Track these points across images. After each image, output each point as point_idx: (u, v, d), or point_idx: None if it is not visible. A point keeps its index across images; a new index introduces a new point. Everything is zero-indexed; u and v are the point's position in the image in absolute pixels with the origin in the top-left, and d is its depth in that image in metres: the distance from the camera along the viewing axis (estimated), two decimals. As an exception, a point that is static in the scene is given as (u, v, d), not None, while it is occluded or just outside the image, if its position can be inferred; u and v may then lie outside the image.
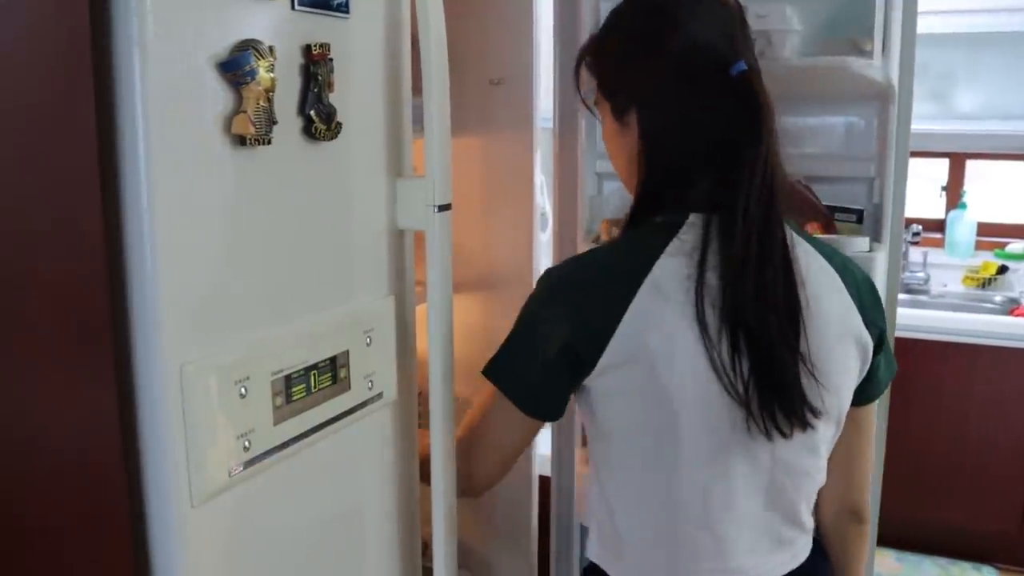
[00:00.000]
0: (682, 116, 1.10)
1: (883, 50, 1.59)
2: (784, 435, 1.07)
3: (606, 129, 1.20)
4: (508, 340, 1.18)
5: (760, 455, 1.10)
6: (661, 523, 1.15)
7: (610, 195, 1.90)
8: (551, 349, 1.11)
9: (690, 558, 1.14)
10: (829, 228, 1.68)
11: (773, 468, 1.12)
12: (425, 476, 1.22)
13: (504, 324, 1.87)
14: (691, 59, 1.08)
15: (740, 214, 1.05)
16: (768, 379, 1.05)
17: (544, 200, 2.10)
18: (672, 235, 1.09)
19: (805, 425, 1.08)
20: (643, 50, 1.13)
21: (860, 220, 1.71)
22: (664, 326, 1.05)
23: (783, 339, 1.05)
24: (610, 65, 1.18)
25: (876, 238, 1.68)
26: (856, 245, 1.58)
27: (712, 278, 1.05)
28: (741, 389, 1.04)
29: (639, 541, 1.17)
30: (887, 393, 1.69)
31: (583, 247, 1.73)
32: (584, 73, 1.24)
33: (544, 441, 2.01)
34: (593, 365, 1.09)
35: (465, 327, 1.94)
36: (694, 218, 1.09)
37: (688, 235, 1.08)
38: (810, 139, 1.78)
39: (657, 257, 1.07)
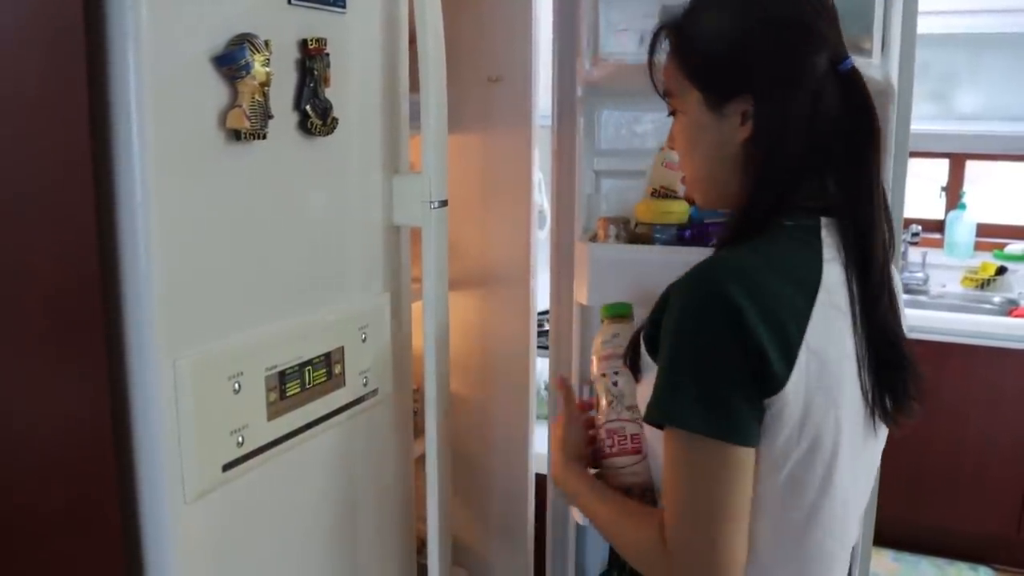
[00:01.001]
0: (805, 111, 1.03)
1: (882, 49, 1.58)
2: (892, 421, 1.07)
3: (688, 120, 1.07)
4: (674, 375, 0.94)
5: (867, 455, 1.10)
6: (809, 552, 1.03)
7: (608, 193, 1.89)
8: (744, 365, 0.91)
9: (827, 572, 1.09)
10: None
11: (870, 468, 1.12)
12: None
13: (502, 322, 1.86)
14: (811, 50, 1.02)
15: (876, 218, 1.03)
16: (885, 369, 1.04)
17: (542, 198, 2.09)
18: (818, 240, 1.02)
19: (911, 411, 1.08)
20: (764, 35, 1.03)
21: (858, 219, 1.71)
22: (838, 336, 0.99)
23: (900, 332, 1.07)
24: (714, 48, 1.05)
25: (874, 238, 1.67)
26: (854, 244, 1.57)
27: (852, 283, 1.02)
28: (867, 381, 1.02)
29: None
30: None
31: (580, 245, 1.72)
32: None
33: (541, 439, 2.00)
34: (784, 382, 0.92)
35: (462, 324, 1.94)
36: (826, 221, 1.04)
37: (830, 240, 1.03)
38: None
39: (821, 264, 0.99)
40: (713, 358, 0.92)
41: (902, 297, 1.12)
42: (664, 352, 0.95)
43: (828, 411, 0.97)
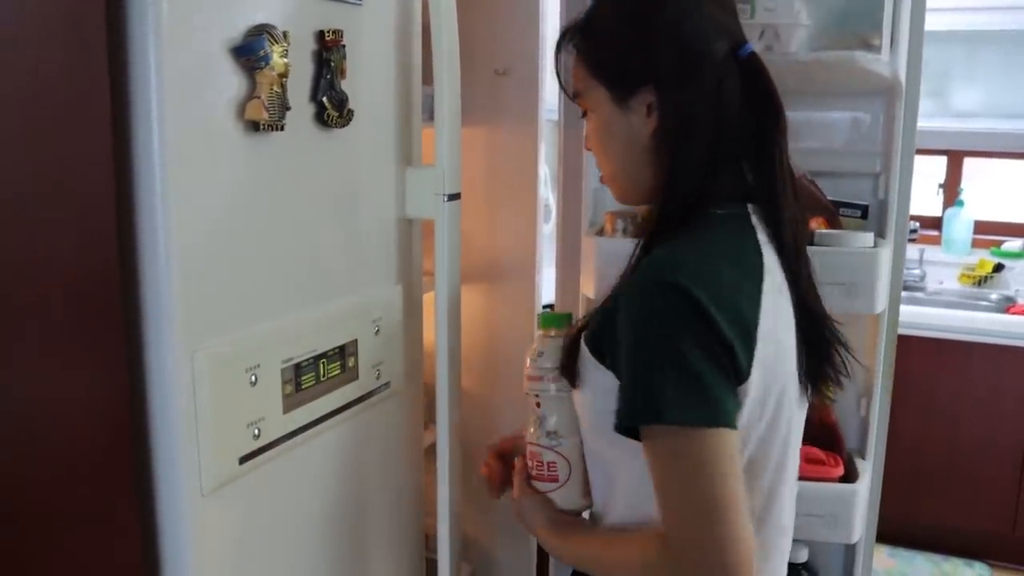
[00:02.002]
0: (708, 99, 1.04)
1: (891, 45, 1.58)
2: (821, 396, 1.10)
3: (598, 118, 1.08)
4: (642, 371, 0.91)
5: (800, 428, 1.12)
6: (769, 531, 1.03)
7: (614, 188, 1.89)
8: (714, 353, 0.90)
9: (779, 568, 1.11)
10: (834, 223, 1.68)
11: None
12: None
13: (506, 316, 1.86)
14: (710, 38, 1.04)
15: (785, 200, 1.05)
16: (815, 346, 1.07)
17: (547, 191, 2.09)
18: (750, 225, 1.04)
19: (839, 385, 1.10)
20: (659, 27, 1.05)
21: (865, 216, 1.71)
22: (785, 318, 1.02)
23: (822, 310, 1.09)
24: (615, 44, 1.06)
25: (880, 234, 1.67)
26: (861, 240, 1.57)
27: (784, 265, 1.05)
28: (802, 359, 1.05)
29: None
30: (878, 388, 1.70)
31: (587, 240, 1.72)
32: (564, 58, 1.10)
33: (544, 433, 2.01)
34: (748, 370, 0.92)
35: (466, 318, 1.93)
36: (752, 207, 1.05)
37: (760, 224, 1.04)
38: (816, 134, 1.77)
39: (760, 248, 1.01)
40: (685, 350, 0.89)
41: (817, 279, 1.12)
42: (629, 356, 0.92)
43: (783, 392, 0.99)
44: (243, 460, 0.94)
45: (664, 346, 0.90)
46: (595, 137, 1.10)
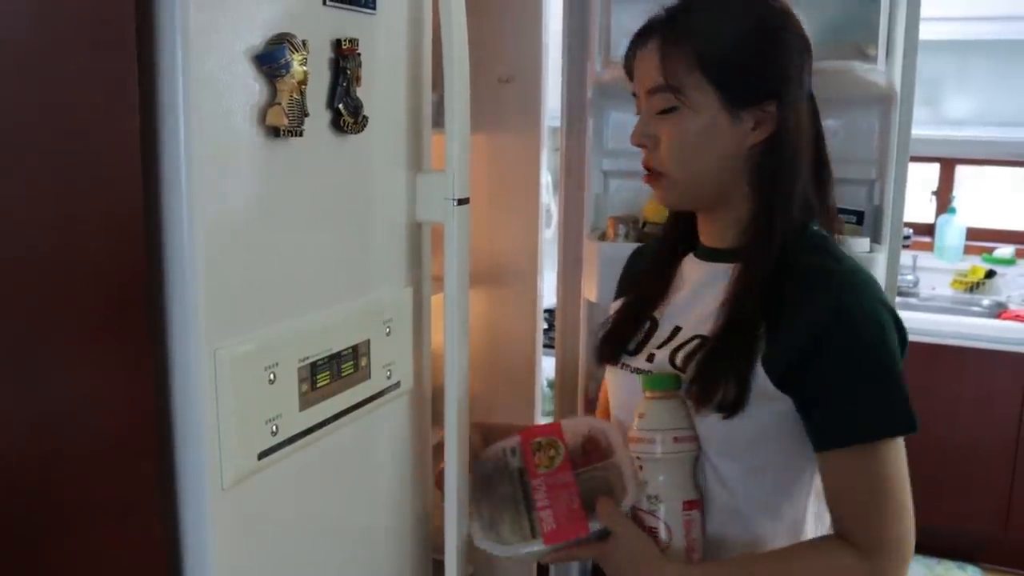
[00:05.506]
0: (813, 116, 1.09)
1: (887, 55, 1.62)
2: None
3: (697, 119, 1.05)
4: (887, 386, 1.01)
5: None
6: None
7: (615, 193, 1.93)
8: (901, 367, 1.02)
9: None
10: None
11: None
12: None
13: (508, 320, 1.89)
14: (810, 62, 1.09)
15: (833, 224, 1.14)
16: None
17: (549, 197, 2.13)
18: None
19: None
20: (790, 43, 1.05)
21: (860, 221, 1.75)
22: None
23: None
24: (744, 53, 1.04)
25: (875, 239, 1.71)
26: (857, 246, 1.61)
27: None
28: None
29: None
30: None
31: (589, 244, 1.76)
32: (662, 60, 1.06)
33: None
34: None
35: (470, 320, 1.96)
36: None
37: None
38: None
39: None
40: (897, 363, 1.00)
41: None
42: (857, 370, 0.99)
43: None
44: (262, 456, 0.96)
45: (891, 359, 1.00)
46: (680, 136, 1.06)
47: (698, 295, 1.14)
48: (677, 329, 1.15)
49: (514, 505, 1.12)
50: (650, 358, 1.15)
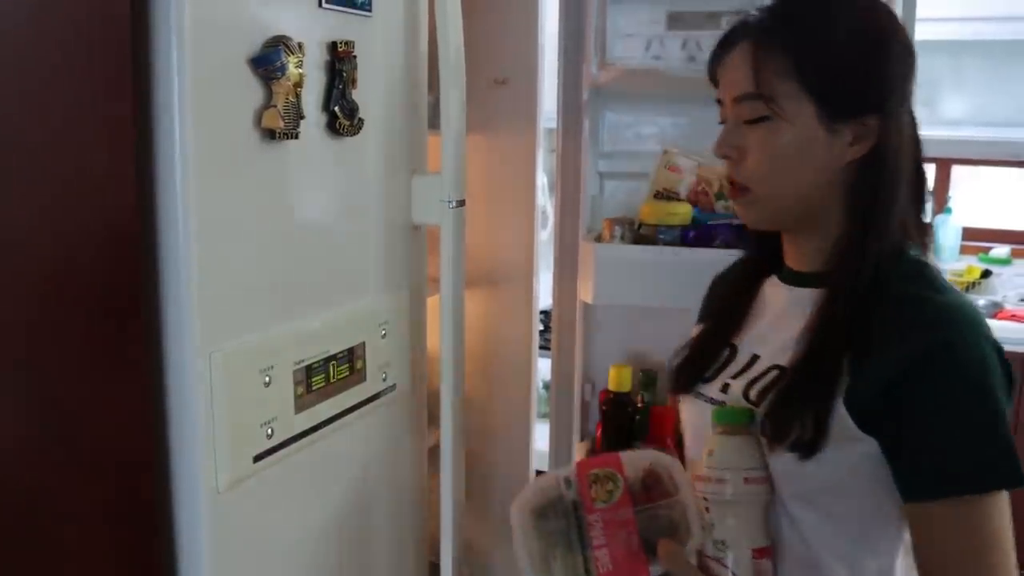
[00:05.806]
0: (914, 131, 1.00)
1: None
2: None
3: (791, 132, 0.95)
4: (990, 431, 0.89)
5: None
6: None
7: (611, 195, 1.93)
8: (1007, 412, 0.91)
9: None
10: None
11: None
12: None
13: (504, 321, 1.89)
14: (914, 72, 0.99)
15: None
16: None
17: (544, 199, 2.12)
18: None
19: None
20: (897, 54, 0.96)
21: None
22: None
23: None
24: (848, 62, 0.95)
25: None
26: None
27: None
28: None
29: None
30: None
31: (585, 245, 1.76)
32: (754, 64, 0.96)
33: (542, 436, 2.03)
34: None
35: (466, 322, 1.96)
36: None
37: None
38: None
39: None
40: (1002, 407, 0.89)
41: None
42: (956, 411, 0.88)
43: None
44: (257, 459, 0.96)
45: (990, 405, 0.88)
46: (770, 148, 0.97)
47: (779, 321, 1.05)
48: (755, 358, 1.05)
49: (566, 540, 1.05)
50: (724, 388, 1.06)
